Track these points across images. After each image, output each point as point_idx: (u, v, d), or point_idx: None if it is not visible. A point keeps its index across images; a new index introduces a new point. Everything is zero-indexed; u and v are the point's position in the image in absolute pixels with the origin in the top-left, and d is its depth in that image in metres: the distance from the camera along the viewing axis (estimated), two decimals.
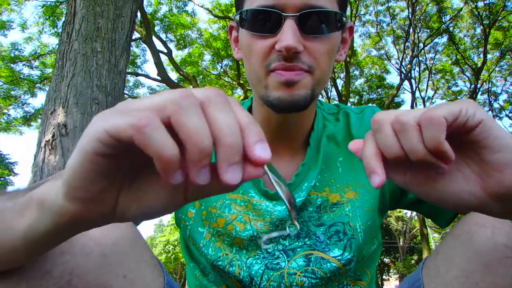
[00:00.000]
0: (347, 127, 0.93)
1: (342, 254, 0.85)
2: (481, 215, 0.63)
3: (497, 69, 15.89)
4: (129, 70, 12.44)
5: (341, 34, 0.83)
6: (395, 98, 15.51)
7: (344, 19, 0.78)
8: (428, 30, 15.23)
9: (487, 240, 0.63)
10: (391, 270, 32.06)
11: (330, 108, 0.99)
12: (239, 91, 14.41)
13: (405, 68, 15.34)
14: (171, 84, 10.98)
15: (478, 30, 14.94)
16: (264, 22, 0.75)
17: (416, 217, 22.17)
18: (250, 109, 0.94)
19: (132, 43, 8.10)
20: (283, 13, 0.73)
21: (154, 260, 0.69)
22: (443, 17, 14.73)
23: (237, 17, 0.81)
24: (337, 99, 14.17)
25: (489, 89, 16.31)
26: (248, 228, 0.87)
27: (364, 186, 0.88)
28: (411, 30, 14.58)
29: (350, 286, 0.91)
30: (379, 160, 0.44)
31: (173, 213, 0.94)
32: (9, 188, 0.59)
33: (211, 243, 0.89)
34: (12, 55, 11.38)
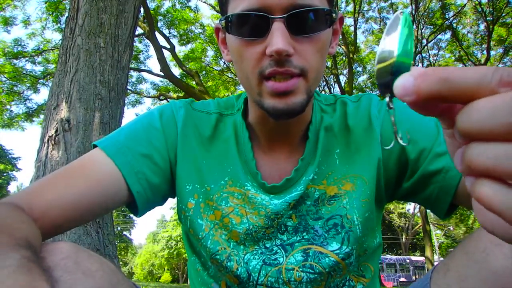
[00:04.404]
0: (344, 117, 0.90)
1: (340, 247, 0.83)
2: None
3: (500, 65, 15.78)
4: (132, 66, 12.44)
5: (332, 27, 0.78)
6: None
7: (333, 15, 0.75)
8: (432, 27, 15.17)
9: (504, 260, 0.58)
10: None
11: (328, 99, 0.95)
12: (242, 87, 14.43)
13: None
14: (174, 80, 10.98)
15: (482, 27, 14.88)
16: (251, 26, 0.72)
17: (418, 214, 22.15)
18: (246, 102, 0.91)
19: (135, 38, 8.09)
20: (270, 16, 0.69)
21: None
22: (447, 14, 14.66)
23: (223, 22, 0.77)
24: None
25: None
26: (244, 222, 0.85)
27: (361, 177, 0.85)
28: (414, 26, 14.50)
29: (353, 282, 0.89)
30: None
31: (176, 207, 0.94)
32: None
33: (210, 236, 0.87)
34: (15, 50, 11.41)
